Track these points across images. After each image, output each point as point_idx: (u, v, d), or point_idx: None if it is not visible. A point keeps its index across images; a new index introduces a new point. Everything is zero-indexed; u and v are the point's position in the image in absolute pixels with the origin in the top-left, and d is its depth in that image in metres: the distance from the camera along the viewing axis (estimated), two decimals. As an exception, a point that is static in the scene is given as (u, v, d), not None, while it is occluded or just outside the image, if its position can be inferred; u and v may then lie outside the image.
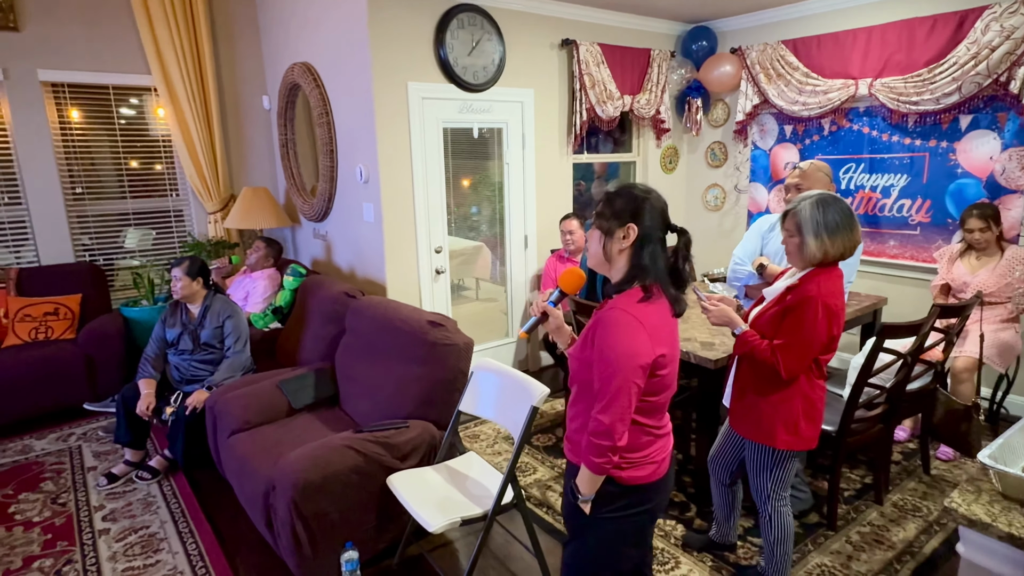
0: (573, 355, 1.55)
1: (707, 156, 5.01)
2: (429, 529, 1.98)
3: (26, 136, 4.14)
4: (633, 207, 1.45)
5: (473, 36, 3.71)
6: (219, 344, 3.18)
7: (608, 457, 1.39)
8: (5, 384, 3.56)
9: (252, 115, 4.98)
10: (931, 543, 2.49)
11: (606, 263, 1.51)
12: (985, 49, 3.30)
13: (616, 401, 1.35)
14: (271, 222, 4.60)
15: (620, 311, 1.39)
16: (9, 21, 3.99)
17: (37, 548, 2.59)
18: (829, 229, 1.85)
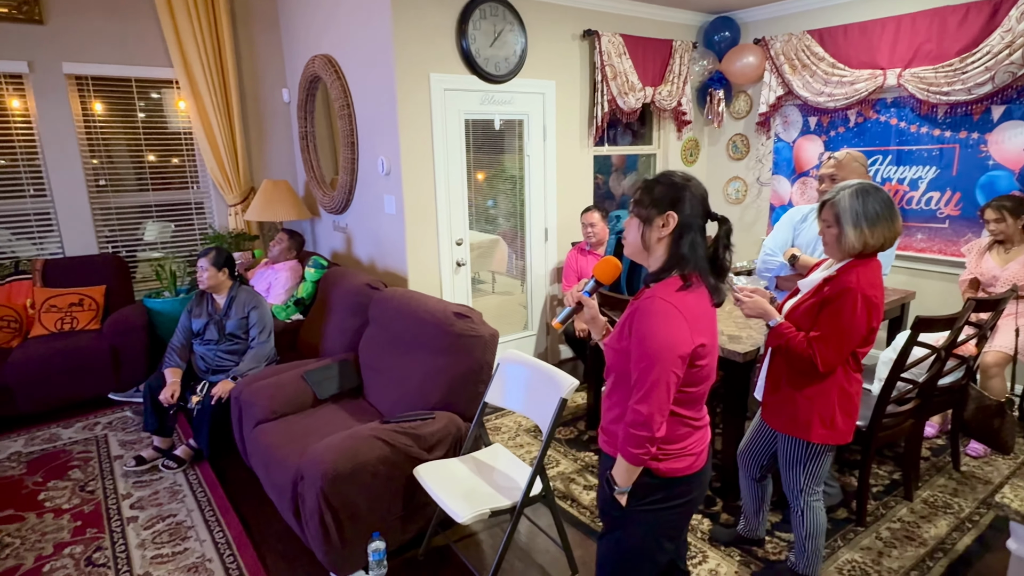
0: (609, 345, 1.52)
1: (728, 148, 4.95)
2: (458, 520, 1.97)
3: (51, 128, 4.17)
4: (673, 195, 1.42)
5: (495, 27, 3.68)
6: (244, 335, 3.19)
7: (646, 448, 1.36)
8: (33, 373, 3.61)
9: (272, 108, 4.99)
10: (964, 540, 2.45)
11: (644, 252, 1.48)
12: (1021, 37, 3.22)
13: (655, 391, 1.33)
14: (291, 214, 4.61)
15: (659, 300, 1.37)
16: (34, 14, 4.01)
17: (67, 535, 2.62)
18: (869, 219, 1.81)
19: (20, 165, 4.18)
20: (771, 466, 2.22)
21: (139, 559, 2.45)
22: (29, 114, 4.14)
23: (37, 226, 4.29)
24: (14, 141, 4.13)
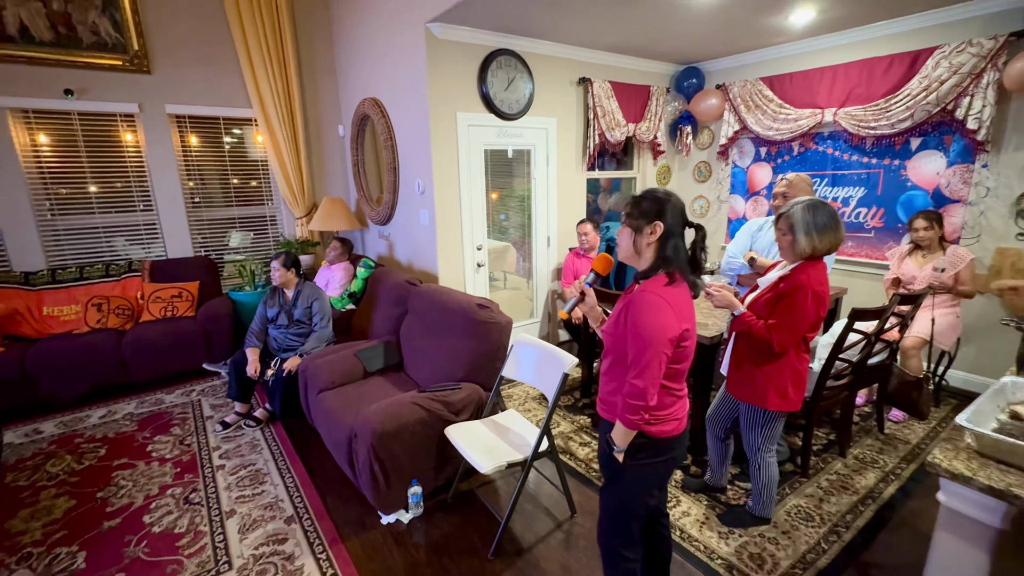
0: (607, 331, 1.47)
1: (694, 173, 4.87)
2: (481, 470, 1.93)
3: (156, 157, 4.15)
4: (658, 207, 1.38)
5: (508, 75, 3.62)
6: (308, 321, 3.16)
7: (641, 415, 1.32)
8: (143, 350, 3.59)
9: (330, 141, 4.95)
10: (889, 489, 2.38)
11: (636, 256, 1.43)
12: (935, 82, 3.12)
13: (649, 368, 1.29)
14: (345, 225, 4.57)
15: (650, 293, 1.32)
16: (144, 66, 3.99)
17: (169, 479, 2.60)
18: (818, 228, 1.75)
19: (132, 186, 4.16)
20: (733, 428, 2.17)
21: (226, 499, 2.42)
22: (139, 145, 4.13)
23: (146, 234, 4.28)
24: (128, 167, 4.12)
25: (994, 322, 3.13)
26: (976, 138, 3.04)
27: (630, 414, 1.33)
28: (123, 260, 4.17)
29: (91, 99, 3.86)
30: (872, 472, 2.51)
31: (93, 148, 3.97)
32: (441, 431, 2.27)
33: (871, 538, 2.07)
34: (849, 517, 2.19)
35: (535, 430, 2.24)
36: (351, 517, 2.28)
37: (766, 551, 2.01)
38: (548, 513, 2.29)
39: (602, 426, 1.54)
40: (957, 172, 3.23)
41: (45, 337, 3.58)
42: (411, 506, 2.26)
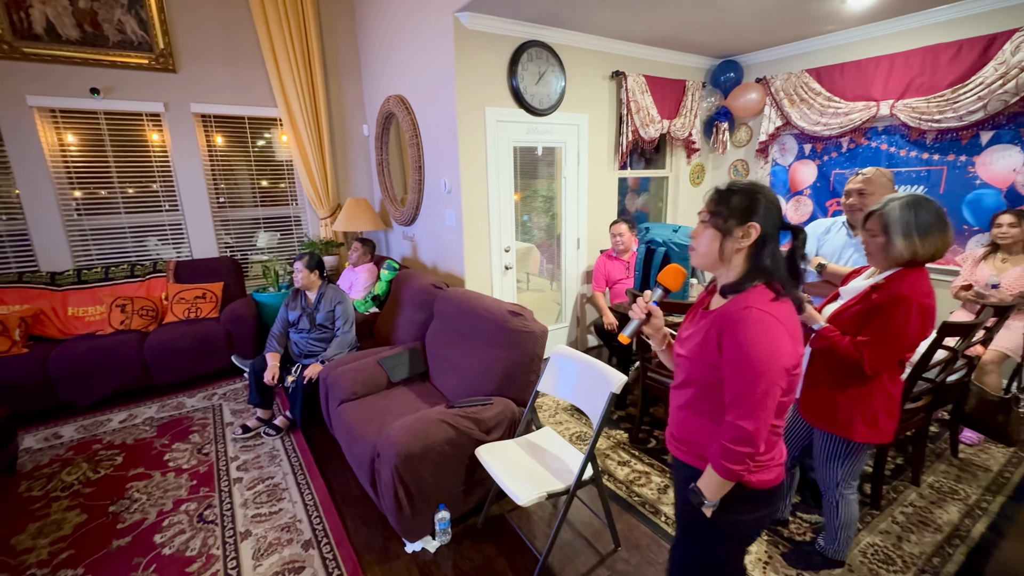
0: (686, 356, 1.18)
1: (730, 172, 4.51)
2: (518, 503, 1.66)
3: (182, 156, 4.00)
4: (752, 205, 1.08)
5: (540, 68, 3.34)
6: (331, 325, 2.94)
7: (746, 464, 1.03)
8: (166, 352, 3.43)
9: (354, 140, 4.74)
10: (977, 527, 2.03)
11: (719, 263, 1.14)
12: (1015, 69, 2.74)
13: (762, 406, 1.00)
14: (369, 226, 4.36)
15: (757, 310, 1.02)
16: (169, 65, 3.83)
17: (184, 492, 2.39)
18: (921, 230, 1.43)
19: (158, 186, 4.01)
20: (802, 457, 1.85)
21: (242, 517, 2.20)
22: (165, 145, 3.97)
23: (171, 234, 4.13)
24: (154, 167, 3.97)
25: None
26: (1063, 130, 2.65)
27: (731, 463, 1.04)
28: (148, 260, 4.02)
29: (117, 98, 3.72)
30: (953, 505, 2.16)
31: (119, 148, 3.83)
32: (471, 451, 2.01)
33: (967, 588, 1.74)
34: (936, 561, 1.86)
35: (576, 453, 1.96)
36: (373, 543, 2.04)
37: (845, 601, 1.69)
38: (589, 545, 2.00)
39: (677, 468, 1.25)
40: (1037, 168, 2.84)
41: (69, 338, 3.44)
42: (438, 533, 2.00)
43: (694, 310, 1.27)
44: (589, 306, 4.10)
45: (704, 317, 1.16)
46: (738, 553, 1.20)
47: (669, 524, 2.09)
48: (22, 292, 3.45)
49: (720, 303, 1.14)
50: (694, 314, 1.25)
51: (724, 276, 1.14)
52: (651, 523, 2.10)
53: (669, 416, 1.29)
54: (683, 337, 1.22)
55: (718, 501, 1.10)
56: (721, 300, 1.14)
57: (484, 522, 2.13)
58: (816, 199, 3.90)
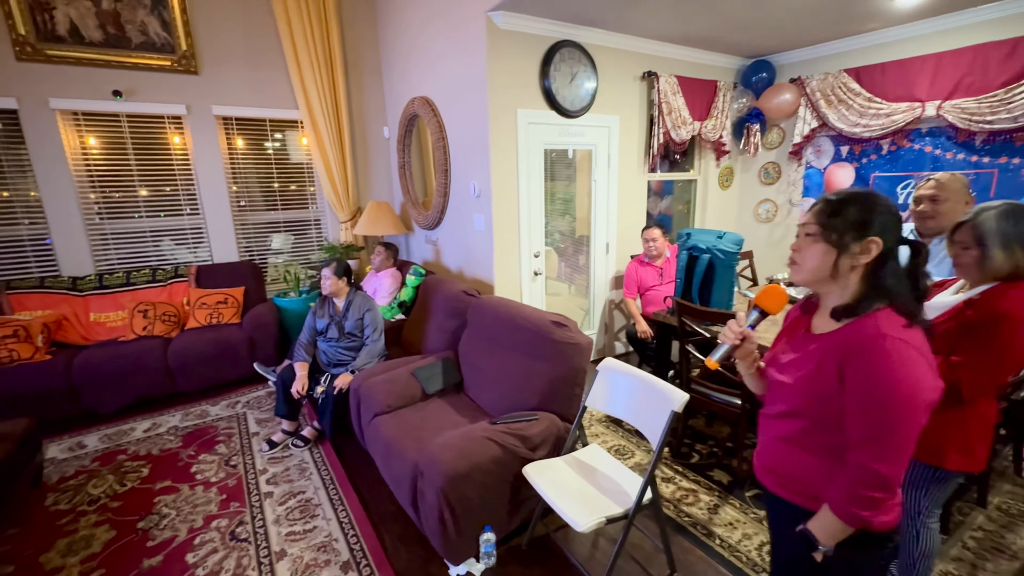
0: (793, 385, 1.06)
1: (760, 175, 4.39)
2: (577, 529, 1.56)
3: (203, 160, 3.93)
4: (870, 217, 0.97)
5: (572, 69, 3.24)
6: (360, 333, 2.85)
7: (877, 510, 0.92)
8: (189, 359, 3.36)
9: (374, 143, 4.66)
10: (1056, 554, 1.91)
11: (830, 280, 1.02)
12: (1076, 67, 2.61)
13: (904, 449, 0.89)
14: (391, 230, 4.27)
15: (894, 339, 0.90)
16: (191, 67, 3.77)
17: (215, 508, 2.31)
18: (1022, 241, 1.32)
19: (180, 189, 3.95)
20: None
21: (275, 535, 2.11)
22: (187, 148, 3.91)
23: (192, 237, 4.06)
24: (175, 170, 3.91)
25: None
26: None
27: (861, 508, 0.93)
28: (169, 265, 3.96)
29: (139, 100, 3.66)
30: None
31: (141, 150, 3.77)
32: (517, 469, 1.91)
33: (1055, 624, 1.62)
34: (1018, 592, 1.74)
35: (629, 473, 1.86)
36: (414, 565, 1.94)
37: (927, 638, 1.57)
38: (643, 569, 1.90)
39: (774, 505, 1.14)
40: (1099, 172, 2.70)
41: (91, 344, 3.38)
42: (483, 555, 1.90)
43: (792, 330, 1.16)
44: (617, 312, 3.99)
45: (811, 341, 1.05)
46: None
47: (725, 548, 1.98)
48: (44, 298, 3.39)
49: (830, 326, 1.03)
50: (792, 335, 1.14)
51: (834, 296, 1.03)
52: (704, 546, 1.99)
53: (760, 445, 1.19)
54: (783, 362, 1.10)
55: (833, 546, 0.99)
56: (831, 323, 1.03)
57: (529, 543, 2.03)
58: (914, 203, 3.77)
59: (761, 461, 1.17)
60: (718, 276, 2.53)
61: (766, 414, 1.16)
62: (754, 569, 1.87)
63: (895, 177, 3.52)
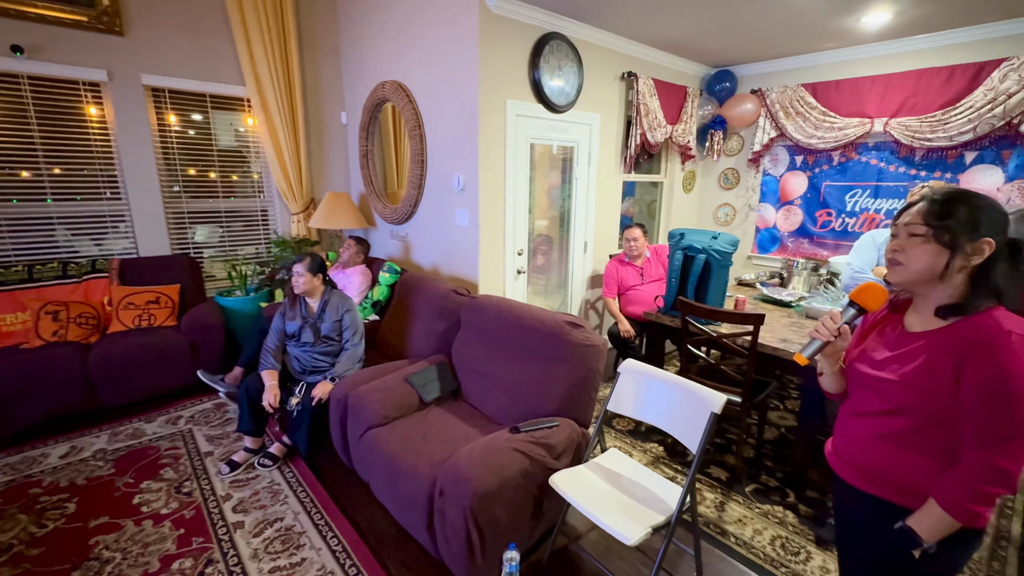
0: (900, 382, 1.03)
1: (720, 180, 4.60)
2: (627, 543, 1.48)
3: (128, 136, 3.37)
4: (982, 216, 0.97)
5: (560, 62, 3.16)
6: (338, 337, 2.56)
7: (992, 506, 0.92)
8: (115, 368, 2.85)
9: (331, 129, 4.29)
10: (1014, 527, 2.13)
11: (936, 280, 1.01)
12: (1003, 95, 2.97)
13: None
14: (351, 223, 3.95)
15: (1020, 336, 0.91)
16: (115, 25, 3.21)
17: (172, 545, 1.95)
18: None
19: (97, 169, 3.35)
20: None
21: (256, 574, 1.82)
22: (107, 121, 3.33)
23: (112, 226, 3.47)
24: (92, 146, 3.31)
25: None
26: (1044, 153, 2.91)
27: (977, 504, 0.93)
28: (84, 258, 3.35)
29: (45, 60, 3.05)
30: (985, 506, 2.26)
31: (47, 121, 3.14)
32: (541, 481, 1.79)
33: (1032, 592, 1.79)
34: (996, 565, 1.91)
35: (654, 476, 1.81)
36: (428, 593, 1.76)
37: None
38: (670, 575, 1.85)
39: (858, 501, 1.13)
40: (1017, 187, 3.09)
41: (-17, 354, 2.76)
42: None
43: (879, 327, 1.15)
44: (592, 311, 3.99)
45: (912, 339, 1.04)
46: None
47: (741, 546, 1.99)
48: (-86, 297, 2.72)
49: (933, 324, 1.02)
50: (882, 331, 1.13)
51: (936, 295, 1.03)
52: (722, 545, 2.00)
53: (846, 442, 1.17)
54: (879, 359, 1.09)
55: (936, 543, 0.99)
56: (935, 321, 1.02)
57: (550, 558, 1.91)
58: (806, 209, 4.06)
59: (847, 458, 1.16)
60: (714, 276, 2.57)
61: (854, 412, 1.15)
62: (772, 564, 1.90)
63: (844, 187, 3.82)
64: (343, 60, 4.17)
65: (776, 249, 4.30)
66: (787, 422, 3.05)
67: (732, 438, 2.80)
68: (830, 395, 1.26)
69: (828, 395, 1.27)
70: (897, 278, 1.06)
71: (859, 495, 1.13)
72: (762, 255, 4.39)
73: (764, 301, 3.19)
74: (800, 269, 3.59)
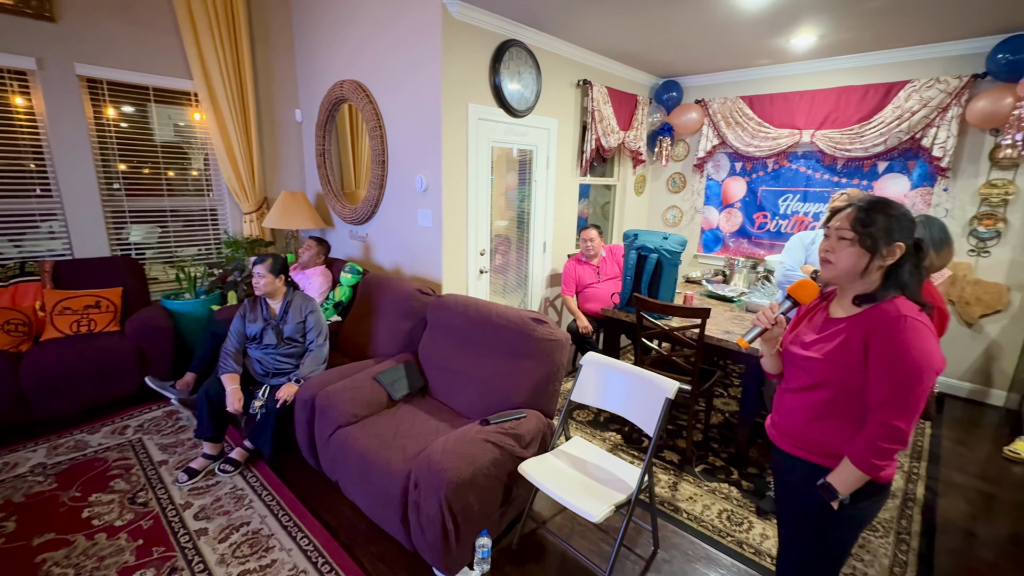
0: (823, 359, 1.22)
1: (668, 183, 4.89)
2: (593, 520, 1.61)
3: (61, 130, 3.17)
4: (897, 225, 1.17)
5: (519, 68, 3.27)
6: (301, 338, 2.55)
7: (892, 461, 1.11)
8: (51, 378, 2.68)
9: (285, 126, 4.19)
10: (919, 489, 2.45)
11: (857, 276, 1.20)
12: (907, 113, 3.37)
13: (918, 408, 1.09)
14: (308, 223, 3.88)
15: (913, 319, 1.11)
16: (45, 10, 3.01)
17: (131, 557, 1.89)
18: (936, 244, 1.69)
19: (26, 164, 3.12)
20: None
21: (226, 578, 1.80)
22: (37, 113, 3.11)
23: (43, 226, 3.24)
24: (19, 139, 3.08)
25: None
26: (940, 165, 3.33)
27: (880, 459, 1.12)
28: (12, 260, 3.11)
29: (-35, 45, 2.82)
30: (897, 474, 2.58)
31: (-34, 111, 2.90)
32: (511, 469, 1.89)
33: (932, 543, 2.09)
34: (904, 523, 2.20)
35: (615, 459, 1.95)
36: (404, 584, 1.81)
37: (857, 570, 1.92)
38: (629, 550, 2.01)
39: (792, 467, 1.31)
40: (919, 194, 3.52)
41: None
42: (478, 561, 1.84)
43: (809, 315, 1.33)
44: (552, 309, 4.13)
45: (835, 323, 1.23)
46: (852, 543, 1.30)
47: (691, 520, 2.18)
48: None
49: (851, 311, 1.21)
50: (811, 318, 1.32)
51: (855, 287, 1.21)
52: (675, 520, 2.18)
53: (780, 415, 1.35)
54: (807, 341, 1.27)
55: (849, 496, 1.18)
56: (852, 308, 1.21)
57: (519, 542, 2.02)
58: (745, 212, 4.40)
59: (783, 429, 1.34)
60: (665, 274, 2.77)
61: (787, 388, 1.33)
62: (719, 535, 2.10)
63: (778, 191, 4.18)
64: (297, 57, 4.09)
65: (719, 249, 4.63)
66: (730, 408, 3.32)
67: (682, 424, 3.03)
68: (769, 375, 1.44)
69: (768, 375, 1.45)
70: (828, 275, 1.25)
71: (792, 460, 1.31)
72: (707, 254, 4.71)
73: (709, 297, 3.45)
74: (740, 267, 3.91)
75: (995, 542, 2.12)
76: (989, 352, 3.45)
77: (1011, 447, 2.79)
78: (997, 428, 3.13)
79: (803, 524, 1.29)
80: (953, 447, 2.88)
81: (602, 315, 3.16)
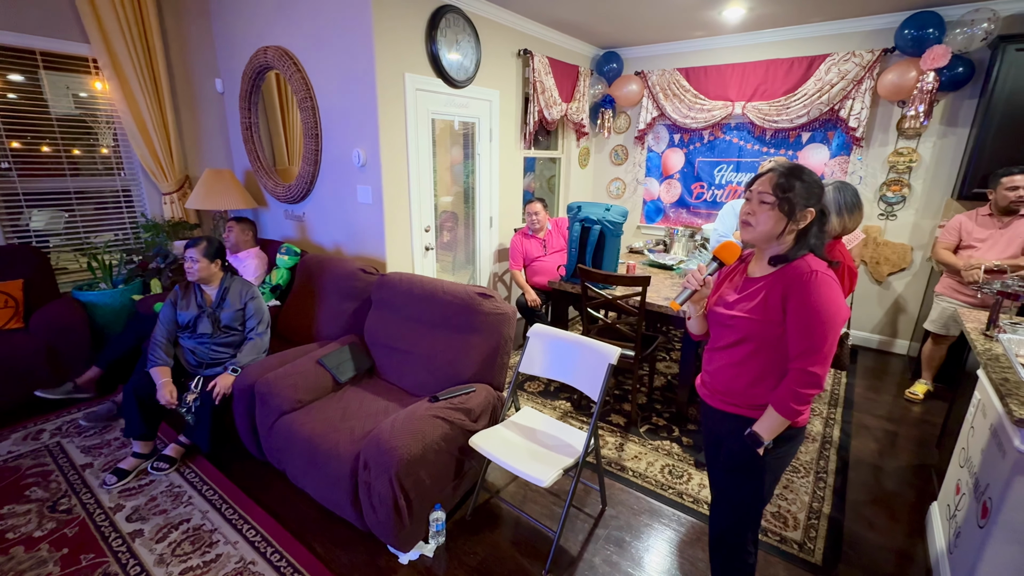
0: (746, 316, 1.29)
1: (611, 156, 4.96)
2: (542, 485, 1.66)
3: (-71, 100, 2.75)
4: (813, 191, 1.25)
5: (457, 36, 3.16)
6: (240, 326, 2.41)
7: (808, 405, 1.22)
8: (-56, 385, 2.40)
9: (204, 97, 3.86)
10: (835, 432, 2.71)
11: (774, 239, 1.28)
12: (827, 85, 3.58)
13: (830, 355, 1.20)
14: (237, 203, 3.63)
15: (823, 274, 1.21)
16: None
17: (56, 567, 1.76)
18: (848, 208, 1.82)
19: None
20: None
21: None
22: None
23: (-82, 214, 2.84)
24: None
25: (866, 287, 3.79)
26: (855, 135, 3.58)
27: (800, 404, 1.22)
28: None
29: None
30: (817, 419, 2.84)
31: None
32: (462, 443, 1.91)
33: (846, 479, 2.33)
34: (822, 463, 2.44)
35: (563, 426, 2.02)
36: (358, 564, 1.81)
37: (782, 508, 2.11)
38: (579, 510, 2.10)
39: (720, 421, 1.40)
40: (838, 163, 3.78)
41: None
42: (433, 535, 1.87)
43: (730, 276, 1.41)
44: (501, 284, 4.14)
45: (754, 282, 1.31)
46: (775, 484, 1.42)
47: (637, 477, 2.31)
48: None
49: (767, 270, 1.30)
50: (732, 279, 1.40)
51: (771, 248, 1.29)
52: (622, 479, 2.30)
53: (708, 374, 1.43)
54: (731, 301, 1.35)
55: (772, 441, 1.28)
56: (768, 268, 1.30)
57: (473, 512, 2.06)
58: (684, 183, 4.56)
59: (711, 386, 1.42)
60: (608, 244, 2.84)
61: (713, 347, 1.41)
62: (662, 488, 2.24)
63: (713, 162, 4.36)
64: (214, 20, 3.74)
65: (660, 219, 4.79)
66: (672, 371, 3.51)
67: (627, 388, 3.17)
68: (695, 336, 1.52)
69: (693, 336, 1.53)
70: (748, 236, 1.32)
71: (721, 414, 1.41)
72: (649, 224, 4.86)
73: (651, 266, 3.58)
74: (680, 236, 4.07)
75: (897, 472, 2.39)
76: (896, 306, 3.82)
77: (911, 389, 3.14)
78: (901, 374, 3.50)
79: (732, 471, 1.40)
80: (864, 393, 3.20)
81: (550, 288, 3.21)
